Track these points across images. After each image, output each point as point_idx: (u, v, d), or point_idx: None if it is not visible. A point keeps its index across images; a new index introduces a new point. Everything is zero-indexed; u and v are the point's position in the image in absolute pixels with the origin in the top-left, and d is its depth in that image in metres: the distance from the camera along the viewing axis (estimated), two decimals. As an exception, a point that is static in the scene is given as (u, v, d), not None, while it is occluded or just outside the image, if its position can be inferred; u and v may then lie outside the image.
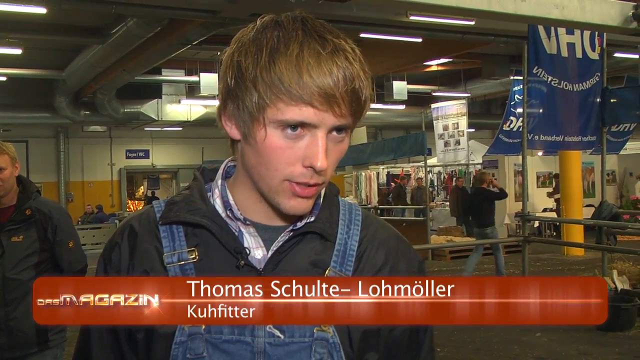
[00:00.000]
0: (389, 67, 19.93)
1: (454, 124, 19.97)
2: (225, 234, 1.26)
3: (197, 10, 12.65)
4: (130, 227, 1.32)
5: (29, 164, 23.89)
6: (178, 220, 1.28)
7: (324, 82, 1.11)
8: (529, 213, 10.31)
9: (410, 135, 16.02)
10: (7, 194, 3.91)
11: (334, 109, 1.13)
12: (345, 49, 1.15)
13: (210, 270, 1.24)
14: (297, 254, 1.26)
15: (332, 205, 1.34)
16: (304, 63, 1.12)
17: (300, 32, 1.15)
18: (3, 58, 16.62)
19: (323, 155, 1.14)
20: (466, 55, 19.12)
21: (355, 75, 1.14)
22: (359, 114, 1.18)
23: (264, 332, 1.21)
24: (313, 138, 1.15)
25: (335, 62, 1.13)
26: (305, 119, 1.13)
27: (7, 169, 3.86)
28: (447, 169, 24.03)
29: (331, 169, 1.19)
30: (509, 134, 16.78)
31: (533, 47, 9.34)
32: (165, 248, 1.27)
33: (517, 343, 7.83)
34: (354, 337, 1.25)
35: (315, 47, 1.13)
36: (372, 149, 16.88)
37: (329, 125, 1.14)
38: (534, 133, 9.50)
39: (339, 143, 1.18)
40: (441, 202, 22.86)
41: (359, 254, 1.30)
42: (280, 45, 1.14)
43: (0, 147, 3.89)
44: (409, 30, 14.33)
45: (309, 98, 1.11)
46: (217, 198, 1.31)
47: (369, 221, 1.37)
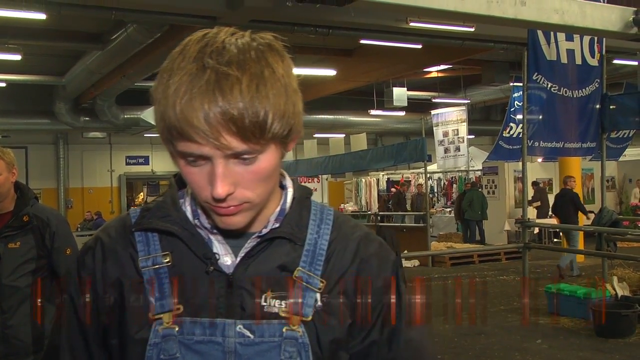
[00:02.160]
0: (389, 73, 19.93)
1: (454, 130, 20.00)
2: (194, 241, 1.28)
3: (197, 17, 12.65)
4: (106, 234, 1.36)
5: (29, 170, 23.86)
6: (150, 227, 1.31)
7: (196, 120, 1.10)
8: (529, 219, 10.28)
9: (410, 142, 16.00)
10: (3, 200, 3.88)
11: (214, 142, 1.11)
12: (227, 77, 1.10)
13: (182, 275, 1.28)
14: (265, 259, 1.28)
15: (303, 208, 1.35)
16: (179, 100, 1.11)
17: (190, 61, 1.13)
18: (2, 64, 16.62)
19: (220, 184, 1.14)
20: (466, 62, 19.12)
21: (236, 103, 1.09)
22: (258, 137, 1.13)
23: (234, 333, 1.24)
24: (211, 166, 1.15)
25: (207, 96, 1.09)
26: (193, 152, 1.13)
27: (3, 174, 3.84)
28: (447, 176, 24.03)
29: (251, 189, 1.18)
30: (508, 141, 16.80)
31: (533, 53, 9.35)
32: (140, 252, 1.30)
33: (517, 350, 7.80)
34: (322, 341, 1.27)
35: (193, 80, 1.11)
36: (372, 156, 16.87)
37: (221, 155, 1.13)
38: (533, 139, 9.49)
39: (249, 165, 1.16)
40: (441, 209, 22.87)
41: (329, 256, 1.32)
42: (170, 80, 1.13)
43: None
44: (408, 36, 14.32)
45: (187, 136, 1.11)
46: (188, 205, 1.32)
47: (340, 222, 1.38)
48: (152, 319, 1.25)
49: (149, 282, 1.27)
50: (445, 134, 20.31)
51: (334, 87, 21.65)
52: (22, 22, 13.17)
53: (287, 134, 1.18)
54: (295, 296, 1.26)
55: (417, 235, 15.68)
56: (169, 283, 1.27)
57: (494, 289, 12.05)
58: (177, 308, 1.25)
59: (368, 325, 1.33)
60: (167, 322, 1.24)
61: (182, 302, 1.25)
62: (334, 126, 24.80)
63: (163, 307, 1.25)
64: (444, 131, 20.34)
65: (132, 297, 1.28)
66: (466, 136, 19.73)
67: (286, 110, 1.15)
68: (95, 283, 1.32)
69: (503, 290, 11.86)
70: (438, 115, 20.69)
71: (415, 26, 12.45)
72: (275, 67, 1.16)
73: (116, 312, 1.29)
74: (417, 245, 14.26)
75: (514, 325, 9.04)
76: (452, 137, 20.11)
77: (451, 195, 23.79)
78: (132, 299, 1.28)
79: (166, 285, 1.26)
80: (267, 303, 1.25)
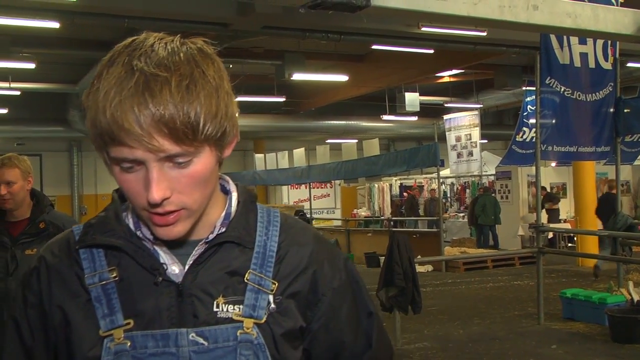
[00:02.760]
0: (401, 78, 19.94)
1: (467, 135, 19.93)
2: (140, 253, 1.26)
3: (209, 24, 12.71)
4: (49, 253, 1.33)
5: (43, 178, 23.99)
6: (93, 244, 1.29)
7: (127, 123, 1.09)
8: (543, 224, 10.23)
9: (423, 147, 15.94)
10: (18, 208, 3.93)
11: (147, 145, 1.10)
12: (155, 78, 1.10)
13: (130, 289, 1.26)
14: (213, 265, 1.27)
15: (249, 212, 1.35)
16: (109, 104, 1.10)
17: (119, 65, 1.13)
18: (17, 73, 16.73)
19: (155, 188, 1.12)
20: (478, 66, 19.11)
21: (167, 104, 1.09)
22: (191, 138, 1.12)
23: (187, 341, 1.23)
24: (145, 171, 1.14)
25: (137, 100, 1.09)
26: (127, 156, 1.12)
27: (18, 182, 3.89)
28: (460, 180, 23.97)
29: (187, 194, 1.17)
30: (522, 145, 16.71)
31: (545, 57, 9.30)
32: (86, 269, 1.28)
33: (532, 356, 7.76)
34: (278, 342, 1.27)
35: (122, 82, 1.10)
36: (385, 161, 16.83)
37: (154, 158, 1.12)
38: (547, 144, 9.44)
39: (184, 169, 1.15)
40: (454, 214, 22.81)
41: (279, 258, 1.32)
42: (99, 84, 1.12)
43: (11, 160, 3.92)
44: (420, 41, 14.33)
45: (119, 138, 1.10)
46: (130, 218, 1.31)
47: (288, 224, 1.38)
48: (102, 336, 1.23)
49: (96, 299, 1.25)
50: (457, 139, 20.24)
51: (346, 93, 21.67)
52: (36, 31, 13.27)
53: (221, 136, 1.17)
54: (248, 299, 1.26)
55: (430, 240, 15.63)
56: (117, 298, 1.25)
57: (508, 294, 12.00)
58: (127, 323, 1.23)
59: (329, 327, 1.36)
60: (118, 338, 1.22)
61: (132, 316, 1.23)
62: (346, 132, 24.81)
63: (113, 323, 1.23)
64: (456, 136, 20.26)
65: (80, 316, 1.25)
66: (479, 141, 19.65)
67: (218, 111, 1.15)
68: (41, 304, 1.29)
69: (517, 295, 11.81)
70: (450, 120, 20.62)
71: (427, 31, 12.44)
72: (205, 69, 1.15)
73: (65, 331, 1.27)
74: (430, 251, 14.21)
75: (529, 330, 8.99)
76: (464, 141, 20.04)
77: (464, 200, 23.74)
78: (80, 317, 1.25)
79: (114, 301, 1.25)
80: (220, 308, 1.25)
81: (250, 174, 23.51)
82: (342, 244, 19.03)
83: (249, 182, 23.80)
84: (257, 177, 22.83)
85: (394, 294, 8.15)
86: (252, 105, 20.96)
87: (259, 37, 13.95)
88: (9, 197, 3.88)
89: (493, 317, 9.95)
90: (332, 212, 28.34)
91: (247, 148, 27.60)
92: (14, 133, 22.19)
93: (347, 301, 1.39)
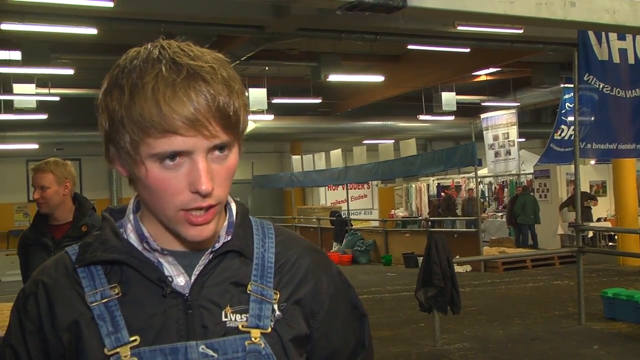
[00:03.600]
0: (437, 78, 19.86)
1: (504, 133, 19.81)
2: (145, 266, 1.25)
3: (245, 27, 12.78)
4: (47, 275, 1.30)
5: (82, 182, 24.27)
6: (95, 261, 1.26)
7: (184, 109, 1.11)
8: (583, 223, 10.11)
9: (460, 146, 15.87)
10: (52, 211, 4.03)
11: (203, 132, 1.13)
12: (202, 70, 1.14)
13: (135, 304, 1.24)
14: (218, 275, 1.28)
15: (245, 223, 1.36)
16: (160, 94, 1.11)
17: (155, 64, 1.14)
18: (56, 79, 16.99)
19: (205, 178, 1.14)
20: (515, 64, 18.95)
21: (217, 93, 1.13)
22: (235, 128, 1.17)
23: (197, 354, 1.22)
24: (192, 163, 1.15)
25: (192, 87, 1.12)
26: (177, 148, 1.13)
27: (51, 187, 3.98)
28: (498, 180, 23.79)
29: (223, 188, 1.20)
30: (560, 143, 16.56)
31: (584, 53, 9.20)
32: (86, 288, 1.26)
33: (573, 356, 7.67)
34: (286, 350, 1.27)
35: (170, 76, 1.12)
36: (422, 161, 16.78)
37: (204, 148, 1.14)
38: (586, 141, 9.33)
39: (223, 161, 1.18)
40: (492, 213, 22.64)
41: (278, 268, 1.34)
42: (138, 82, 1.13)
43: (47, 166, 4.01)
44: (456, 40, 14.27)
45: (173, 128, 1.11)
46: (130, 233, 1.29)
47: (281, 235, 1.40)
48: (108, 355, 1.20)
49: (100, 317, 1.23)
50: (495, 138, 20.12)
51: (382, 93, 21.65)
52: (74, 38, 13.47)
53: (243, 132, 1.22)
54: (252, 309, 1.27)
55: (469, 241, 15.53)
56: (121, 315, 1.23)
57: (547, 294, 11.88)
58: (133, 339, 1.21)
59: (328, 333, 1.38)
60: (125, 356, 1.20)
61: (138, 331, 1.22)
62: (383, 132, 24.77)
63: (118, 341, 1.21)
64: (494, 135, 20.15)
65: (86, 335, 1.22)
66: (517, 139, 19.52)
67: (247, 107, 1.21)
68: (42, 330, 1.25)
69: (557, 295, 11.69)
70: (488, 119, 20.51)
71: (463, 30, 12.38)
72: (228, 68, 1.20)
73: (76, 352, 1.23)
74: (468, 251, 14.13)
75: (569, 330, 8.89)
76: (502, 140, 19.91)
77: (502, 199, 23.55)
78: (87, 336, 1.22)
79: (118, 318, 1.22)
80: (229, 318, 1.25)
81: (287, 176, 23.58)
82: (379, 245, 19.01)
83: (286, 184, 23.90)
84: (294, 178, 22.89)
85: (433, 294, 8.12)
86: (288, 107, 21.04)
87: (294, 39, 14.00)
88: (43, 202, 3.99)
89: (533, 317, 9.86)
90: (370, 213, 28.29)
91: (283, 150, 27.68)
92: (53, 138, 22.49)
93: (342, 306, 1.42)
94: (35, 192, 4.02)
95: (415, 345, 8.46)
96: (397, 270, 16.64)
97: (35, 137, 21.87)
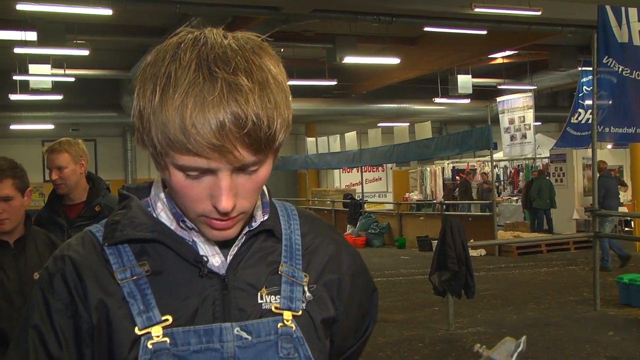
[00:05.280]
0: (453, 60, 19.75)
1: (520, 117, 19.67)
2: (180, 245, 1.21)
3: (260, 7, 12.72)
4: (74, 251, 1.24)
5: (97, 162, 24.39)
6: (126, 239, 1.22)
7: (209, 134, 1.03)
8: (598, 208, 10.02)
9: (476, 130, 15.78)
10: (71, 191, 4.01)
11: (227, 157, 1.06)
12: (239, 88, 1.04)
13: (168, 284, 1.20)
14: (253, 256, 1.26)
15: (272, 204, 1.34)
16: (187, 112, 1.03)
17: (192, 69, 1.05)
18: (71, 59, 17.00)
19: (226, 197, 1.09)
20: (532, 47, 18.82)
21: (250, 114, 1.04)
22: (267, 149, 1.10)
23: (232, 336, 1.18)
24: (216, 179, 1.09)
25: (222, 108, 1.03)
26: (200, 166, 1.07)
27: (69, 167, 3.96)
28: (514, 164, 23.67)
29: (248, 200, 1.15)
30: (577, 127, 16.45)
31: (603, 36, 9.08)
32: (114, 265, 1.21)
33: (588, 342, 7.63)
34: (317, 332, 1.27)
35: (202, 91, 1.03)
36: (437, 144, 16.71)
37: (229, 168, 1.08)
38: (604, 125, 9.24)
39: (251, 175, 1.12)
40: (507, 197, 22.55)
41: (305, 249, 1.33)
42: (170, 88, 1.04)
43: (60, 145, 3.98)
44: (473, 22, 14.15)
45: (196, 150, 1.04)
46: (161, 212, 1.25)
47: (305, 217, 1.40)
48: (139, 335, 1.16)
49: (130, 295, 1.18)
50: (511, 121, 19.99)
51: (398, 76, 21.56)
52: (89, 19, 13.46)
53: (279, 147, 1.15)
54: (284, 291, 1.25)
55: (484, 224, 15.48)
56: (152, 294, 1.18)
57: (562, 279, 11.82)
58: (165, 319, 1.17)
59: (349, 313, 1.38)
60: (157, 336, 1.15)
61: (172, 312, 1.18)
62: (398, 115, 24.70)
63: (150, 320, 1.16)
64: (510, 118, 20.02)
65: (117, 315, 1.17)
66: (533, 123, 19.38)
67: (289, 119, 1.12)
68: (72, 308, 1.19)
69: (572, 280, 11.63)
70: (504, 102, 20.37)
71: (480, 12, 12.27)
72: (275, 73, 1.10)
73: (107, 331, 1.18)
74: (483, 235, 14.07)
75: (585, 316, 8.85)
76: (518, 124, 19.78)
77: (517, 183, 23.43)
78: (117, 317, 1.17)
79: (149, 296, 1.18)
80: (264, 300, 1.22)
81: (302, 158, 23.57)
82: (394, 228, 18.99)
83: (301, 166, 23.90)
84: (308, 161, 22.88)
85: (447, 278, 8.09)
86: (303, 89, 20.96)
87: (310, 20, 13.92)
88: (61, 182, 3.96)
89: (548, 302, 9.82)
90: (384, 196, 28.26)
91: (298, 132, 27.64)
92: (69, 119, 22.60)
93: (361, 285, 1.43)
94: (52, 173, 3.98)
95: (428, 329, 8.45)
96: (411, 254, 16.63)
97: (50, 117, 22.02)
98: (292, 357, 1.21)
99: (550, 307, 9.51)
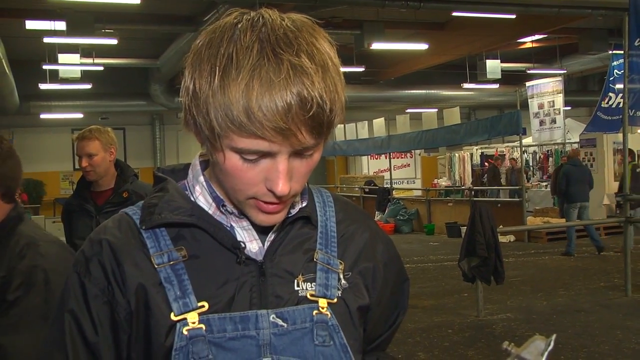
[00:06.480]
0: (482, 45, 19.57)
1: (550, 102, 19.49)
2: (219, 231, 1.20)
3: (289, -6, 12.70)
4: (111, 234, 1.23)
5: (127, 151, 24.57)
6: (164, 222, 1.21)
7: (276, 116, 1.02)
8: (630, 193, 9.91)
9: (505, 115, 15.66)
10: (100, 178, 4.07)
11: (291, 139, 1.05)
12: (303, 67, 1.04)
13: (205, 269, 1.19)
14: (290, 242, 1.25)
15: (308, 190, 1.33)
16: (254, 94, 1.02)
17: (255, 51, 1.03)
18: (100, 48, 17.11)
19: (283, 180, 1.09)
20: (562, 31, 18.58)
21: (316, 97, 1.04)
22: (326, 132, 1.10)
23: (268, 323, 1.18)
24: (273, 162, 1.09)
25: (289, 90, 1.02)
26: (261, 149, 1.06)
27: (99, 154, 4.01)
28: (543, 149, 23.47)
29: (300, 183, 1.15)
30: (607, 111, 16.28)
31: (635, 18, 8.96)
32: (152, 249, 1.20)
33: (619, 328, 7.57)
34: (353, 312, 1.26)
35: (268, 72, 1.02)
36: (466, 130, 16.63)
37: (288, 151, 1.08)
38: (635, 109, 9.14)
39: (307, 158, 1.13)
40: (537, 183, 22.37)
41: (341, 236, 1.32)
42: (232, 70, 1.03)
43: (91, 133, 4.03)
44: (502, 6, 14.03)
45: (260, 132, 1.03)
46: (199, 195, 1.25)
47: (340, 203, 1.38)
48: (175, 321, 1.15)
49: (167, 280, 1.17)
50: (540, 106, 19.81)
51: (426, 62, 21.44)
52: (117, 8, 13.53)
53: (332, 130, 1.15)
54: (319, 278, 1.24)
55: (513, 210, 15.39)
56: (188, 279, 1.18)
57: (593, 265, 11.73)
58: (201, 305, 1.16)
59: (381, 301, 1.38)
60: (193, 322, 1.15)
61: (207, 297, 1.17)
62: (426, 101, 24.57)
63: (186, 306, 1.16)
64: (539, 103, 19.84)
65: (154, 301, 1.17)
66: (562, 108, 19.19)
67: (344, 101, 1.13)
68: (109, 293, 1.19)
69: (603, 266, 11.54)
70: (533, 87, 20.19)
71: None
72: (332, 56, 1.11)
73: (141, 320, 1.17)
74: (512, 220, 14.00)
75: (616, 302, 8.77)
76: (547, 109, 19.60)
77: (547, 169, 23.23)
78: (154, 302, 1.17)
79: (186, 282, 1.17)
80: (300, 287, 1.22)
81: (330, 145, 23.54)
82: (422, 214, 18.94)
83: (329, 153, 23.90)
84: (337, 147, 22.86)
85: (476, 264, 8.07)
86: (331, 76, 20.91)
87: (338, 6, 13.88)
88: (91, 169, 4.02)
89: (578, 288, 9.75)
90: (413, 182, 28.20)
91: (326, 119, 27.60)
92: (98, 108, 22.81)
93: (393, 274, 1.42)
94: (82, 160, 4.03)
95: (458, 315, 8.43)
96: (440, 240, 16.58)
97: (80, 106, 22.22)
98: (328, 344, 1.20)
99: (580, 293, 9.45)
